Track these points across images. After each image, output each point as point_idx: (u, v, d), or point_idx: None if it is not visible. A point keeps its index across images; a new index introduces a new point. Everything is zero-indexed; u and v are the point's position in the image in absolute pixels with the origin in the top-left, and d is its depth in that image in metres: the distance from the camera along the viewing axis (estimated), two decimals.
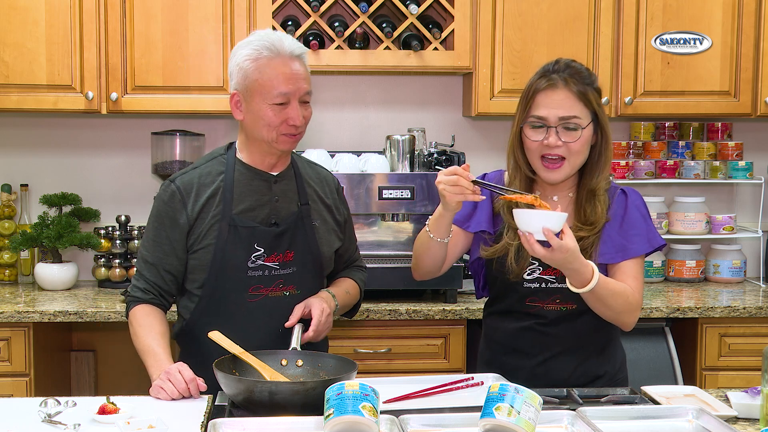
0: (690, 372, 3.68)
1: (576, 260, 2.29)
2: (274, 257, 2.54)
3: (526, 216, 2.27)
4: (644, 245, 2.50)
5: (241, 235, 2.52)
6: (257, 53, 2.48)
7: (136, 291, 2.56)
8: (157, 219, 2.56)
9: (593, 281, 2.32)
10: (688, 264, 4.14)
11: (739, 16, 3.88)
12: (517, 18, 3.83)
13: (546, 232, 2.23)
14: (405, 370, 3.53)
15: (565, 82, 2.44)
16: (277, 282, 2.55)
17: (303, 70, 2.51)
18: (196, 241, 2.52)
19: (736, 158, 4.13)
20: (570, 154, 2.43)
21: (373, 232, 3.74)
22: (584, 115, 2.44)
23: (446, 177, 2.36)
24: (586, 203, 2.49)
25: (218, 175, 2.55)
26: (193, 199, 2.53)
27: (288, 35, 2.56)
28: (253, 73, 2.47)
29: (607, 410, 2.18)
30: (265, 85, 2.46)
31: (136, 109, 3.79)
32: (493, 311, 2.63)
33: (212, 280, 2.52)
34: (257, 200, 2.55)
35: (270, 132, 2.49)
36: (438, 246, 2.50)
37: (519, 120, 2.49)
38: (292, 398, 2.12)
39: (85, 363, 4.07)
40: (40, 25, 3.69)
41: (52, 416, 2.15)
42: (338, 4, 3.86)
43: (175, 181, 2.56)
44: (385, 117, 4.21)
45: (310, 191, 2.64)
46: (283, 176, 2.60)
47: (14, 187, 4.08)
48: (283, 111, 2.48)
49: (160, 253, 2.54)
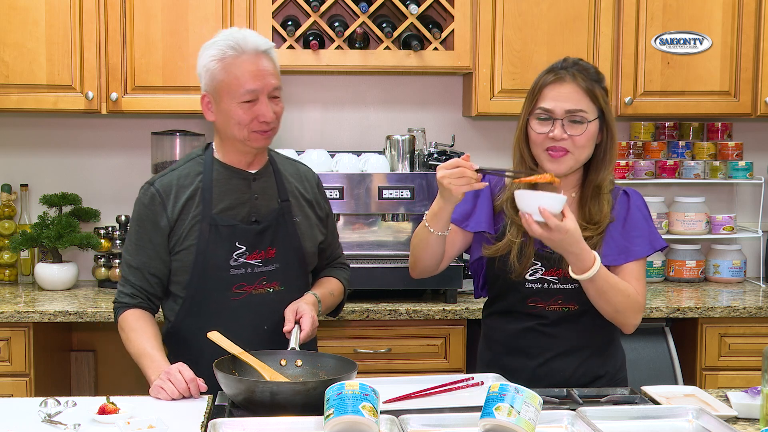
0: (690, 372, 3.68)
1: (576, 244, 2.30)
2: (256, 254, 2.54)
3: (526, 196, 2.29)
4: (646, 247, 2.50)
5: (222, 234, 2.52)
6: (222, 53, 2.47)
7: (123, 297, 2.56)
8: (138, 223, 2.56)
9: (594, 268, 2.32)
10: (688, 264, 4.14)
11: (739, 16, 3.88)
12: (517, 18, 3.83)
13: (543, 211, 2.24)
14: (405, 370, 3.53)
15: (573, 77, 2.44)
16: (260, 279, 2.55)
17: (270, 66, 2.50)
18: (178, 242, 2.52)
19: (736, 158, 4.13)
20: (575, 148, 2.42)
21: (373, 232, 3.74)
22: (591, 109, 2.44)
23: (450, 170, 2.34)
24: (591, 201, 2.48)
25: (197, 176, 2.55)
26: (172, 201, 2.53)
27: (253, 32, 2.54)
28: (219, 73, 2.47)
29: (607, 410, 2.18)
30: (232, 84, 2.46)
31: (136, 109, 3.79)
32: (493, 311, 2.63)
33: (195, 280, 2.52)
34: (237, 199, 2.55)
35: (241, 130, 2.48)
36: (437, 240, 2.49)
37: (525, 113, 2.49)
38: (294, 398, 2.12)
39: (85, 363, 4.07)
40: (40, 25, 3.69)
41: (52, 416, 2.15)
42: (338, 4, 3.86)
43: (154, 184, 2.56)
44: (385, 117, 4.21)
45: (290, 187, 2.64)
46: (262, 173, 2.60)
47: (14, 187, 4.08)
48: (252, 108, 2.47)
49: (144, 256, 2.54)
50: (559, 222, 2.25)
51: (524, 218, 2.28)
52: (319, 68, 3.83)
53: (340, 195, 3.61)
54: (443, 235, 2.48)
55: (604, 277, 2.36)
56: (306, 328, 2.48)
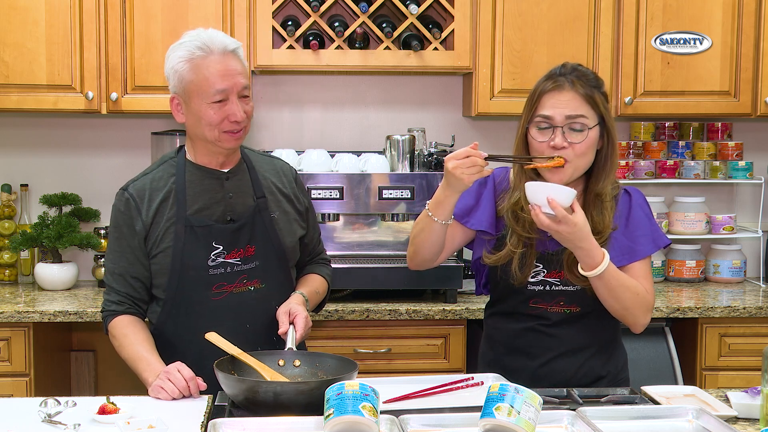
0: (690, 372, 3.68)
1: (585, 239, 2.31)
2: (234, 253, 2.54)
3: (535, 188, 2.31)
4: (650, 246, 2.50)
5: (198, 235, 2.51)
6: (190, 54, 2.47)
7: (110, 305, 2.55)
8: (116, 229, 2.56)
9: (603, 264, 2.33)
10: (688, 264, 4.14)
11: (739, 16, 3.88)
12: (517, 18, 3.83)
13: (551, 201, 2.25)
14: (405, 370, 3.53)
15: (572, 83, 2.42)
16: (240, 278, 2.54)
17: (239, 65, 2.49)
18: (154, 245, 2.52)
19: (736, 158, 4.13)
20: (574, 157, 2.40)
21: (373, 232, 3.74)
22: (591, 115, 2.42)
23: (460, 160, 2.34)
24: (593, 209, 2.46)
25: (170, 178, 2.55)
26: (146, 205, 2.53)
27: (219, 32, 2.53)
28: (188, 74, 2.47)
29: (607, 410, 2.18)
30: (202, 85, 2.45)
31: (136, 109, 3.79)
32: (495, 312, 2.62)
33: (174, 282, 2.52)
34: (210, 198, 2.55)
35: (212, 131, 2.48)
36: (439, 229, 2.48)
37: (524, 121, 2.47)
38: (297, 398, 2.12)
39: (85, 363, 4.07)
40: (40, 25, 3.69)
41: (52, 416, 2.15)
42: (338, 4, 3.86)
43: (128, 189, 2.56)
44: (385, 117, 4.21)
45: (266, 183, 2.63)
46: (235, 172, 2.59)
47: (14, 187, 4.08)
48: (222, 108, 2.46)
49: (125, 262, 2.54)
50: (567, 214, 2.26)
51: (533, 210, 2.30)
52: (319, 68, 3.83)
53: (340, 195, 3.61)
54: (446, 224, 2.47)
55: (613, 274, 2.36)
56: (300, 329, 2.48)
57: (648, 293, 2.46)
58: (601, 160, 2.47)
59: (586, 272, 2.35)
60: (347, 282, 3.58)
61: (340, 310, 3.52)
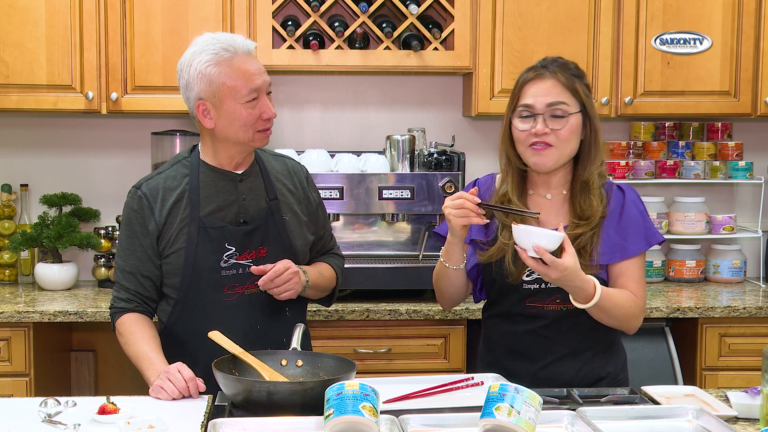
0: (690, 372, 3.68)
1: (576, 278, 2.31)
2: (246, 255, 2.55)
3: (521, 233, 2.29)
4: (642, 244, 2.50)
5: (211, 236, 2.52)
6: (217, 56, 2.46)
7: (118, 302, 2.56)
8: (128, 227, 2.56)
9: (596, 297, 2.34)
10: (688, 264, 4.14)
11: (739, 16, 3.88)
12: (517, 18, 3.83)
13: (537, 249, 2.25)
14: (405, 370, 3.53)
15: (553, 72, 2.45)
16: (252, 279, 2.54)
17: (260, 64, 2.54)
18: (167, 245, 2.53)
19: (736, 158, 4.13)
20: (558, 142, 2.42)
21: (373, 232, 3.74)
22: (572, 102, 2.44)
23: (452, 201, 2.39)
24: (580, 197, 2.48)
25: (183, 178, 2.56)
26: (159, 205, 2.53)
27: (231, 33, 2.58)
28: (218, 76, 2.46)
29: (607, 410, 2.18)
30: (236, 86, 2.46)
31: (136, 109, 3.79)
32: (493, 314, 2.62)
33: (186, 282, 2.53)
34: (224, 200, 2.55)
35: (246, 132, 2.49)
36: (456, 274, 2.53)
37: (508, 113, 2.51)
38: (291, 398, 2.12)
39: (85, 363, 4.07)
40: (40, 25, 3.69)
41: (52, 416, 2.16)
42: (338, 4, 3.86)
43: (141, 188, 2.57)
44: (385, 117, 4.21)
45: (279, 185, 2.64)
46: (249, 174, 2.60)
47: (14, 187, 4.08)
48: (256, 107, 2.48)
49: (136, 260, 2.54)
50: (556, 259, 2.26)
51: (521, 253, 2.30)
52: (319, 68, 3.83)
53: (340, 195, 3.61)
54: (459, 268, 2.51)
55: (606, 297, 2.37)
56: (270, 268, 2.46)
57: (639, 299, 2.47)
58: (585, 149, 2.49)
59: (581, 305, 2.37)
60: (347, 282, 3.57)
61: (340, 310, 3.52)
